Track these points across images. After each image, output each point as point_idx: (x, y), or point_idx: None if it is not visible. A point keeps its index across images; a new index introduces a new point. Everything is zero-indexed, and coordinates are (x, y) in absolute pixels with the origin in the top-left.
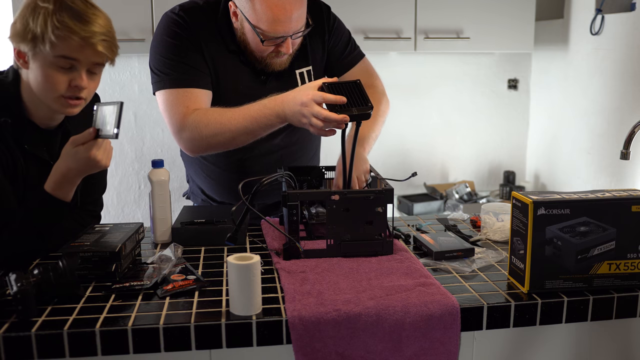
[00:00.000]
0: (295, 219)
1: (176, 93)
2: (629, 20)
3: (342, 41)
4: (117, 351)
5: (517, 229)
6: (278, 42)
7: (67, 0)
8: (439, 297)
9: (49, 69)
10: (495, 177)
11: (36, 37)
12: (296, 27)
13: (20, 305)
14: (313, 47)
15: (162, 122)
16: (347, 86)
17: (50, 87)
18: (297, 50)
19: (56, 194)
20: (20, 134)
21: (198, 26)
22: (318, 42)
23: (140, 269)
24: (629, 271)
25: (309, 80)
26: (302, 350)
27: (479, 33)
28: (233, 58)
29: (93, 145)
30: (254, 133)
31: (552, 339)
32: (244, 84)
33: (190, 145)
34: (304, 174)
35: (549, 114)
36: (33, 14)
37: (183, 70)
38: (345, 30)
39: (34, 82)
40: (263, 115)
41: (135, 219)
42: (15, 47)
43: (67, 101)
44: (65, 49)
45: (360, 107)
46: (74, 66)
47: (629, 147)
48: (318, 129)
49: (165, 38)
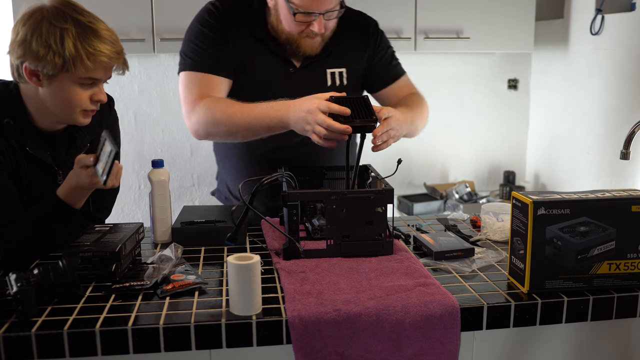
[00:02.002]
0: (295, 219)
1: (194, 76)
2: (629, 20)
3: (386, 57)
4: (117, 351)
5: (517, 229)
6: (310, 19)
7: (82, 19)
8: (439, 297)
9: (74, 88)
10: (495, 177)
11: (66, 62)
12: (328, 5)
13: (20, 305)
14: (351, 52)
15: (162, 122)
16: (354, 100)
17: (73, 103)
18: (332, 47)
19: (67, 200)
20: (22, 137)
21: (230, 16)
22: (358, 50)
23: (140, 269)
24: (629, 271)
25: (339, 82)
26: (302, 350)
27: (479, 33)
28: (262, 47)
29: (93, 173)
30: (254, 131)
31: (552, 339)
32: (271, 73)
33: (196, 128)
34: (304, 174)
35: (549, 114)
36: (54, 36)
37: (206, 57)
38: (389, 47)
39: (51, 99)
40: (266, 116)
41: (135, 219)
42: (28, 66)
43: (86, 113)
44: (95, 71)
45: (363, 119)
46: (95, 83)
47: (629, 147)
48: (320, 137)
49: (197, 25)
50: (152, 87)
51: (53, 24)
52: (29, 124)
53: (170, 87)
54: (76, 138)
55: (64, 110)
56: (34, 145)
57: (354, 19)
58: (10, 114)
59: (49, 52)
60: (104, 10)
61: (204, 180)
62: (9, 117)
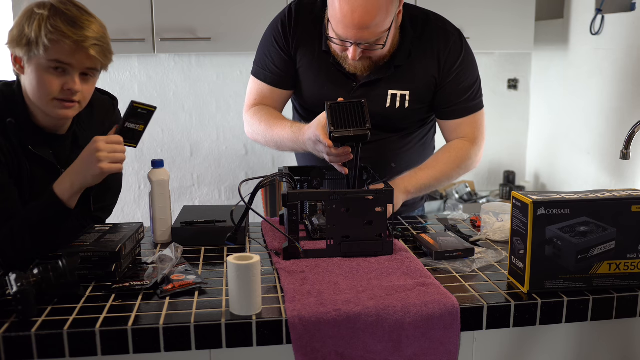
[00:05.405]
0: (295, 219)
1: (255, 83)
2: (629, 20)
3: (460, 85)
4: (117, 351)
5: (517, 229)
6: (344, 44)
7: (62, 7)
8: (439, 297)
9: (43, 73)
10: (495, 177)
11: (30, 42)
12: (363, 37)
13: (20, 305)
14: (419, 74)
15: (161, 122)
16: (350, 105)
17: (44, 90)
18: (400, 63)
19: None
20: (25, 136)
21: (301, 25)
22: (427, 73)
23: (140, 269)
24: (629, 271)
25: (400, 104)
26: (302, 350)
27: (479, 33)
28: (326, 59)
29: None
30: (283, 149)
31: (552, 339)
32: (334, 87)
33: (246, 130)
34: (304, 174)
35: (549, 114)
36: (29, 20)
37: (269, 69)
38: (469, 76)
39: (29, 86)
40: (290, 140)
41: (135, 219)
42: (12, 52)
43: (61, 103)
44: (58, 52)
45: (357, 128)
46: (67, 70)
47: (629, 147)
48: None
49: (268, 30)
50: (152, 87)
51: (34, 11)
52: (31, 123)
53: (170, 87)
54: (79, 137)
55: (39, 99)
56: (36, 144)
57: (431, 33)
58: (12, 114)
59: (21, 35)
60: (104, 10)
61: (204, 180)
62: (11, 117)
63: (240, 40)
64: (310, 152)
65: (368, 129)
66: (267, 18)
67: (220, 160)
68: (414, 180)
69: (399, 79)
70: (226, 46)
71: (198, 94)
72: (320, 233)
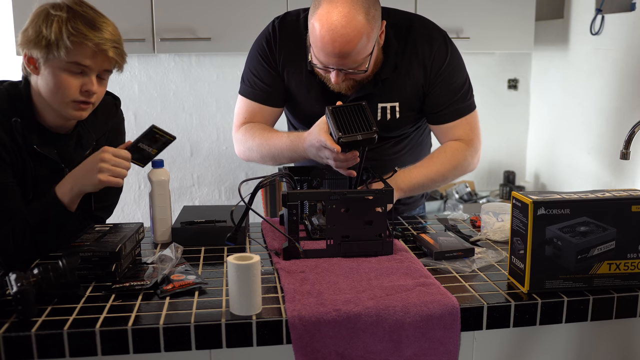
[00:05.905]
0: (295, 219)
1: (244, 102)
2: (629, 20)
3: (448, 88)
4: (117, 351)
5: (517, 229)
6: (326, 69)
7: (79, 8)
8: (439, 297)
9: (62, 74)
10: (495, 177)
11: (50, 44)
12: (345, 65)
13: (20, 305)
14: (405, 82)
15: (161, 122)
16: (352, 109)
17: (62, 91)
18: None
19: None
20: (29, 135)
21: (286, 43)
22: (415, 81)
23: (140, 269)
24: (629, 271)
25: (391, 116)
26: (302, 350)
27: (479, 33)
28: (313, 79)
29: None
30: (281, 161)
31: (552, 339)
32: (319, 103)
33: (237, 149)
34: (303, 173)
35: (549, 114)
36: (46, 22)
37: (254, 84)
38: (457, 78)
39: (44, 87)
40: (288, 149)
41: (135, 219)
42: (27, 53)
43: (77, 105)
44: (78, 54)
45: (364, 132)
46: (85, 72)
47: (629, 147)
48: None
49: (254, 48)
50: (152, 87)
51: (50, 12)
52: (36, 123)
53: (170, 87)
54: (82, 136)
55: (55, 100)
56: (40, 143)
57: (415, 41)
58: (18, 113)
59: (39, 36)
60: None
61: (204, 180)
62: (17, 116)
63: (240, 40)
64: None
65: (375, 132)
66: (267, 18)
67: (220, 160)
68: (407, 178)
69: (386, 91)
70: (226, 46)
71: (198, 94)
72: (320, 233)
